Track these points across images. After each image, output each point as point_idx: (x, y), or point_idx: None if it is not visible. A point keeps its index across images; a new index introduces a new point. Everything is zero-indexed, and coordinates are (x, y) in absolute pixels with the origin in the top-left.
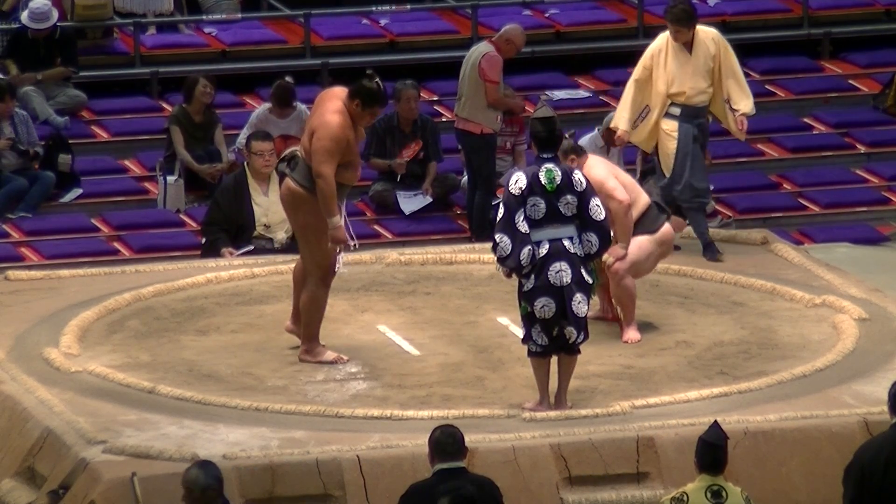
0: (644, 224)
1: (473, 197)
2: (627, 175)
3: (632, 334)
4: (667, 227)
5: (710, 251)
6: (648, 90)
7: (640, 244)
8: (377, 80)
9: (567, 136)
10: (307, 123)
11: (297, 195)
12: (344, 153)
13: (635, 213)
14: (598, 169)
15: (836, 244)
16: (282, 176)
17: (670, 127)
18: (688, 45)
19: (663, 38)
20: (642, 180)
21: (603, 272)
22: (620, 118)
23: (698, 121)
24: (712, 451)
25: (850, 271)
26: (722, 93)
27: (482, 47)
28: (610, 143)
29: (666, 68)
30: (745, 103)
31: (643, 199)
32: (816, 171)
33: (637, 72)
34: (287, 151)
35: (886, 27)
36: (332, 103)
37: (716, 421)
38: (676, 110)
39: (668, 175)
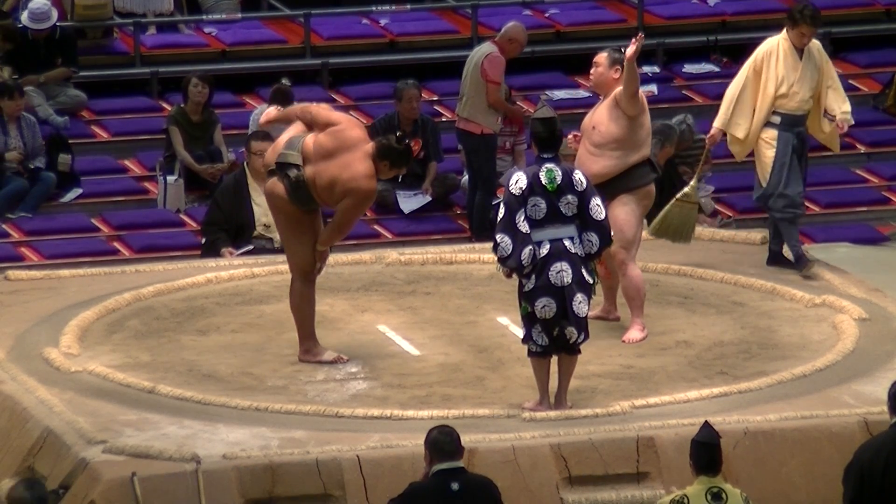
0: (632, 177)
1: (474, 197)
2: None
3: (633, 334)
4: (651, 187)
5: (801, 263)
6: (753, 93)
7: (624, 221)
8: (407, 140)
9: (621, 50)
10: (325, 161)
11: (285, 203)
12: None
13: (633, 158)
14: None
15: (836, 244)
16: (271, 174)
17: (770, 135)
18: (800, 50)
19: (774, 41)
20: None
21: (610, 274)
22: (719, 117)
23: (797, 129)
24: (707, 451)
25: (850, 271)
26: (819, 106)
27: (485, 48)
28: None
29: (776, 70)
30: (846, 105)
31: (645, 149)
32: (816, 171)
33: (745, 72)
34: (289, 157)
35: (886, 27)
36: (364, 162)
37: (706, 421)
38: (777, 118)
39: (763, 184)
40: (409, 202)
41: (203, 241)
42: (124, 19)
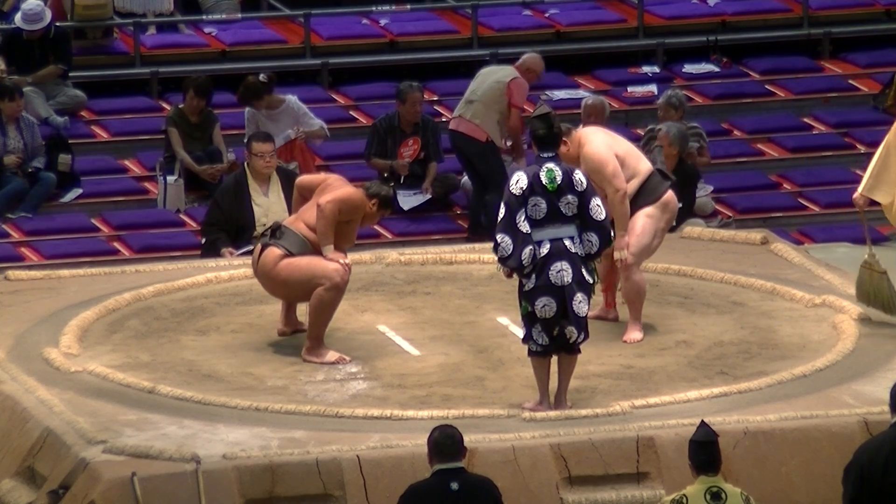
0: (645, 193)
1: (478, 199)
2: (627, 142)
3: (633, 335)
4: (669, 194)
5: None
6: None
7: (642, 228)
8: (391, 184)
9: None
10: (311, 203)
11: (279, 257)
12: (343, 222)
13: (636, 182)
14: (599, 147)
15: (836, 244)
16: (263, 248)
17: None
18: None
19: None
20: (646, 147)
21: (613, 270)
22: (862, 184)
23: None
24: (706, 449)
25: (850, 271)
26: None
27: (509, 70)
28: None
29: None
30: None
31: (644, 166)
32: (816, 171)
33: (887, 137)
34: (267, 225)
35: (886, 27)
36: (351, 187)
37: (703, 420)
38: None
39: None
40: (409, 200)
41: (203, 241)
42: (124, 19)
